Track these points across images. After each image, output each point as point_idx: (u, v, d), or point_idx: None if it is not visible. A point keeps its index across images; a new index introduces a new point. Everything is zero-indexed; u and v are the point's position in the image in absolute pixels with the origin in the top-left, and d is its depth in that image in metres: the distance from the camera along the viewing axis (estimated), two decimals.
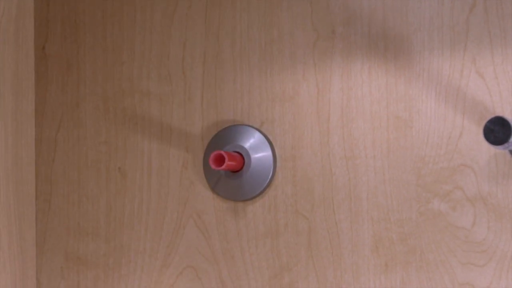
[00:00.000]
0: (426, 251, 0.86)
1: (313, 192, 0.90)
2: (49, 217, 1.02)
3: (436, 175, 0.86)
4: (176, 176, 0.96)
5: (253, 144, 0.91)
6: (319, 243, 0.90)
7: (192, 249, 0.96)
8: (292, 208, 0.91)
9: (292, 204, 0.91)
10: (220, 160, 0.90)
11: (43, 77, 1.04)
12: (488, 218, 0.84)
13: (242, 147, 0.91)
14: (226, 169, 0.91)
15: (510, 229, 0.83)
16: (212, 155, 0.90)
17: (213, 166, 0.89)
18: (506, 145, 0.75)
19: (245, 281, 0.93)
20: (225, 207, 0.94)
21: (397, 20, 0.88)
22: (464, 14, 0.85)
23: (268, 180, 0.91)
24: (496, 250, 0.84)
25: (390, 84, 0.88)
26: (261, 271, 0.92)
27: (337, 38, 0.90)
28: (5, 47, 1.01)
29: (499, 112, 0.84)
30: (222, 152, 0.90)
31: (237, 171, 0.91)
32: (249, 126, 0.92)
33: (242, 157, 0.91)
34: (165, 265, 0.97)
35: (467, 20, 0.85)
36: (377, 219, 0.88)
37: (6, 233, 0.99)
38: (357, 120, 0.89)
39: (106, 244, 1.00)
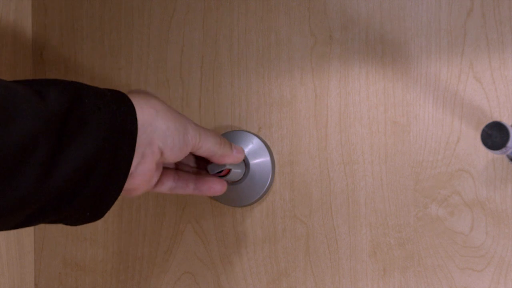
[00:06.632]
0: (424, 256, 0.86)
1: (311, 197, 0.90)
2: None
3: (433, 180, 0.86)
4: None
5: (252, 150, 0.91)
6: (317, 248, 0.90)
7: (190, 255, 0.95)
8: (290, 214, 0.91)
9: (290, 210, 0.91)
10: None
11: None
12: (486, 223, 0.84)
13: None
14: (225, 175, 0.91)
15: (508, 234, 0.83)
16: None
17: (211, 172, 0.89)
18: (503, 150, 0.74)
19: (243, 286, 0.93)
20: (223, 212, 0.94)
21: (395, 25, 0.88)
22: (461, 18, 0.85)
23: (267, 186, 0.91)
24: (494, 254, 0.84)
25: (388, 89, 0.88)
26: (259, 277, 0.92)
27: (335, 43, 0.90)
28: (3, 53, 1.00)
29: (496, 117, 0.84)
30: None
31: None
32: (247, 131, 0.92)
33: None
34: (163, 270, 0.97)
35: (464, 24, 0.85)
36: (375, 224, 0.88)
37: (4, 238, 0.99)
38: (354, 125, 0.89)
39: (104, 250, 0.99)
